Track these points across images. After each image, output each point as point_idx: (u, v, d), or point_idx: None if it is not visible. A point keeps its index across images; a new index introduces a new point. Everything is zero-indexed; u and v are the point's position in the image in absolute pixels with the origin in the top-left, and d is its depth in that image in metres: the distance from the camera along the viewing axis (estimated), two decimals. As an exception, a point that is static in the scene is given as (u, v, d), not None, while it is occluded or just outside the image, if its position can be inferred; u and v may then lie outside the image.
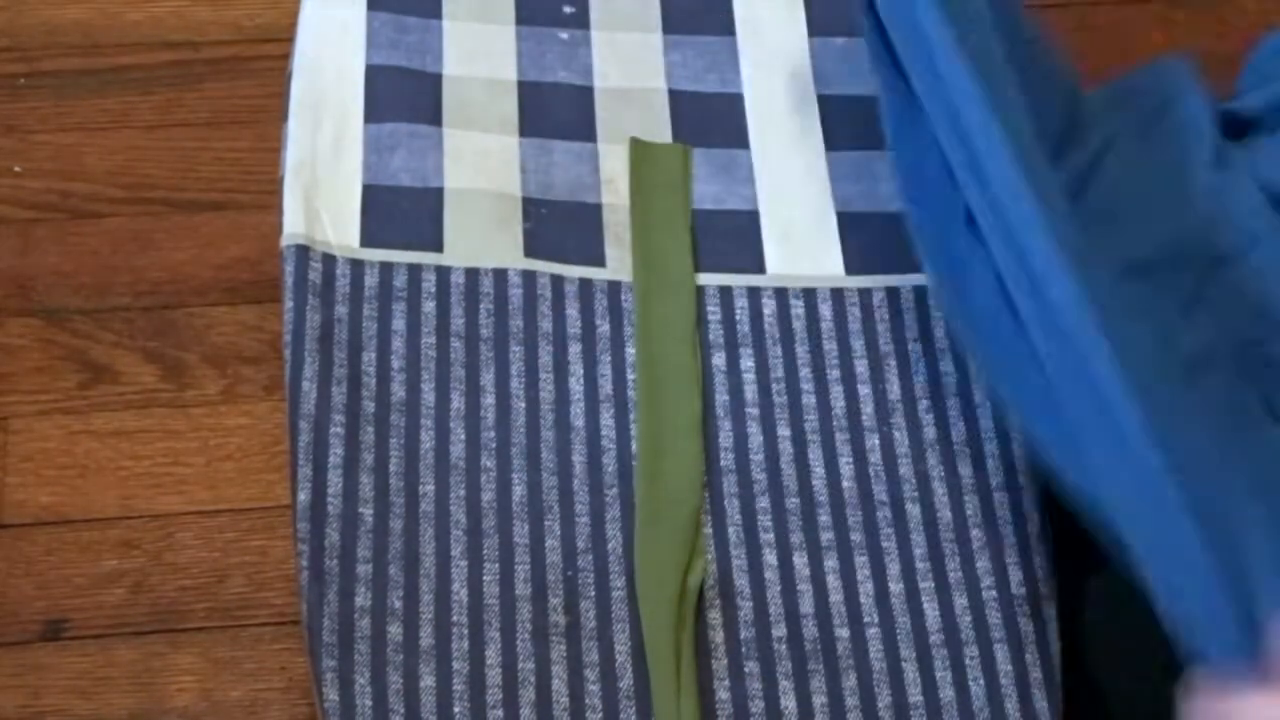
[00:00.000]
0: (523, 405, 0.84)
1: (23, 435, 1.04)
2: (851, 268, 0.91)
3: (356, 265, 0.88)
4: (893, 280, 0.90)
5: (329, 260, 0.88)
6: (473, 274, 0.88)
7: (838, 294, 0.90)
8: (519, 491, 0.82)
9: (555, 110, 0.95)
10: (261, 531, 1.00)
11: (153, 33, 1.23)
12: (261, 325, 1.08)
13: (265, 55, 1.20)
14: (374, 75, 0.95)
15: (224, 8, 1.24)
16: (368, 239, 0.89)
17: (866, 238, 0.92)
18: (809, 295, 0.89)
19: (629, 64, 0.98)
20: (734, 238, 0.91)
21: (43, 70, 1.21)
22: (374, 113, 0.93)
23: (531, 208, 0.91)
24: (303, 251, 0.87)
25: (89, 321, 1.09)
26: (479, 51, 0.97)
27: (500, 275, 0.88)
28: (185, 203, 1.14)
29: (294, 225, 0.88)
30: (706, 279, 0.90)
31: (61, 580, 0.99)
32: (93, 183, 1.15)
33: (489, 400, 0.85)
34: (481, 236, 0.90)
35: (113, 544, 1.00)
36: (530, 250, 0.90)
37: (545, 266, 0.89)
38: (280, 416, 0.92)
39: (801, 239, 0.92)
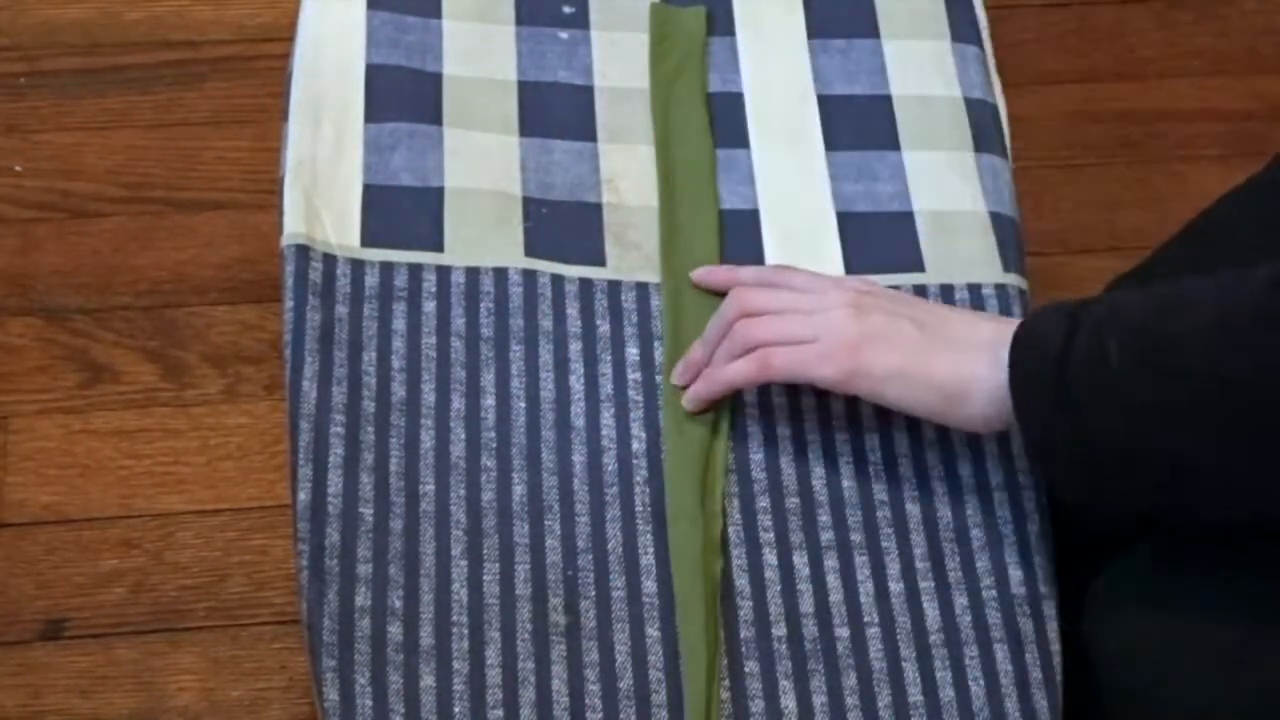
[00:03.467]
0: (523, 405, 0.84)
1: (23, 435, 1.04)
2: (851, 267, 0.91)
3: (357, 265, 0.88)
4: (893, 279, 0.90)
5: (329, 260, 0.88)
6: (473, 273, 0.88)
7: (838, 294, 0.89)
8: (519, 491, 0.82)
9: (555, 110, 0.95)
10: (262, 531, 1.00)
11: (153, 32, 1.23)
12: (262, 325, 1.08)
13: (265, 55, 1.21)
14: (374, 75, 0.95)
15: (224, 7, 1.24)
16: (368, 238, 0.89)
17: (866, 237, 0.92)
18: (809, 295, 0.89)
19: (629, 64, 0.98)
20: (734, 237, 0.91)
21: (43, 70, 1.21)
22: (374, 112, 0.93)
23: (532, 207, 0.91)
24: (303, 251, 0.87)
25: (89, 321, 1.09)
26: (479, 51, 0.97)
27: (501, 275, 0.88)
28: (185, 202, 1.15)
29: (294, 225, 0.88)
30: (707, 278, 0.90)
31: (62, 579, 0.99)
32: (93, 182, 1.15)
33: (489, 400, 0.85)
34: (482, 236, 0.90)
35: (113, 543, 1.00)
36: (530, 250, 0.90)
37: (545, 266, 0.89)
38: (280, 416, 0.93)
39: (801, 238, 0.92)
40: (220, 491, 1.02)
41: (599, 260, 0.90)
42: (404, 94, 0.94)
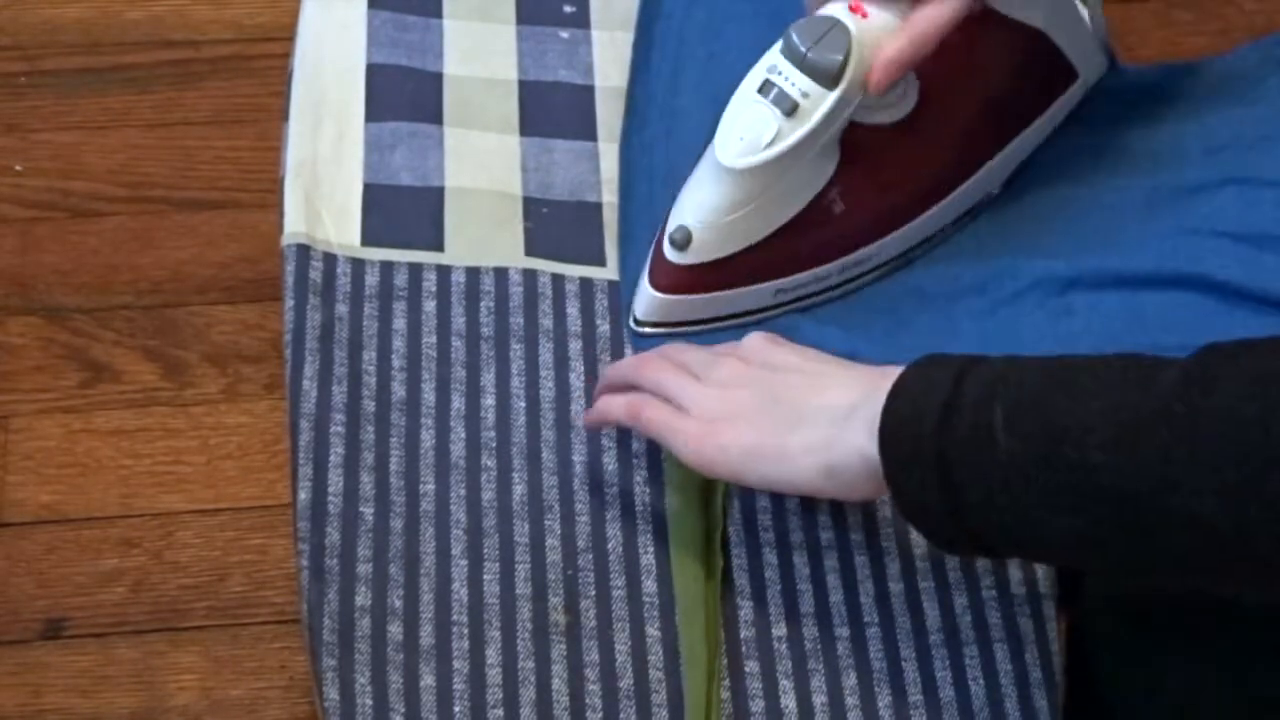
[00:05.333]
0: (523, 404, 0.85)
1: (23, 434, 1.04)
2: (852, 267, 0.91)
3: (357, 264, 0.88)
4: (893, 280, 0.90)
5: (330, 259, 0.88)
6: (473, 273, 0.88)
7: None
8: (519, 490, 0.82)
9: (556, 109, 0.95)
10: (262, 530, 1.00)
11: (153, 32, 1.23)
12: (262, 324, 1.08)
13: (266, 54, 1.21)
14: (375, 74, 0.95)
15: (224, 7, 1.24)
16: (368, 238, 0.89)
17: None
18: (809, 295, 0.89)
19: (629, 63, 0.98)
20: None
21: (43, 69, 1.21)
22: (375, 111, 0.93)
23: (532, 207, 0.91)
24: (303, 250, 0.87)
25: (89, 320, 1.09)
26: (480, 50, 0.97)
27: (501, 274, 0.88)
28: (186, 201, 1.15)
29: (295, 224, 0.88)
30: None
31: (62, 579, 0.99)
32: (93, 181, 1.15)
33: (489, 399, 0.85)
34: (482, 235, 0.90)
35: (113, 543, 1.00)
36: (531, 249, 0.90)
37: (546, 265, 0.89)
38: (281, 415, 0.93)
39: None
40: (220, 491, 1.02)
41: (599, 260, 0.90)
42: (404, 93, 0.94)
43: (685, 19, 0.97)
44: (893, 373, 0.71)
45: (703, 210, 0.82)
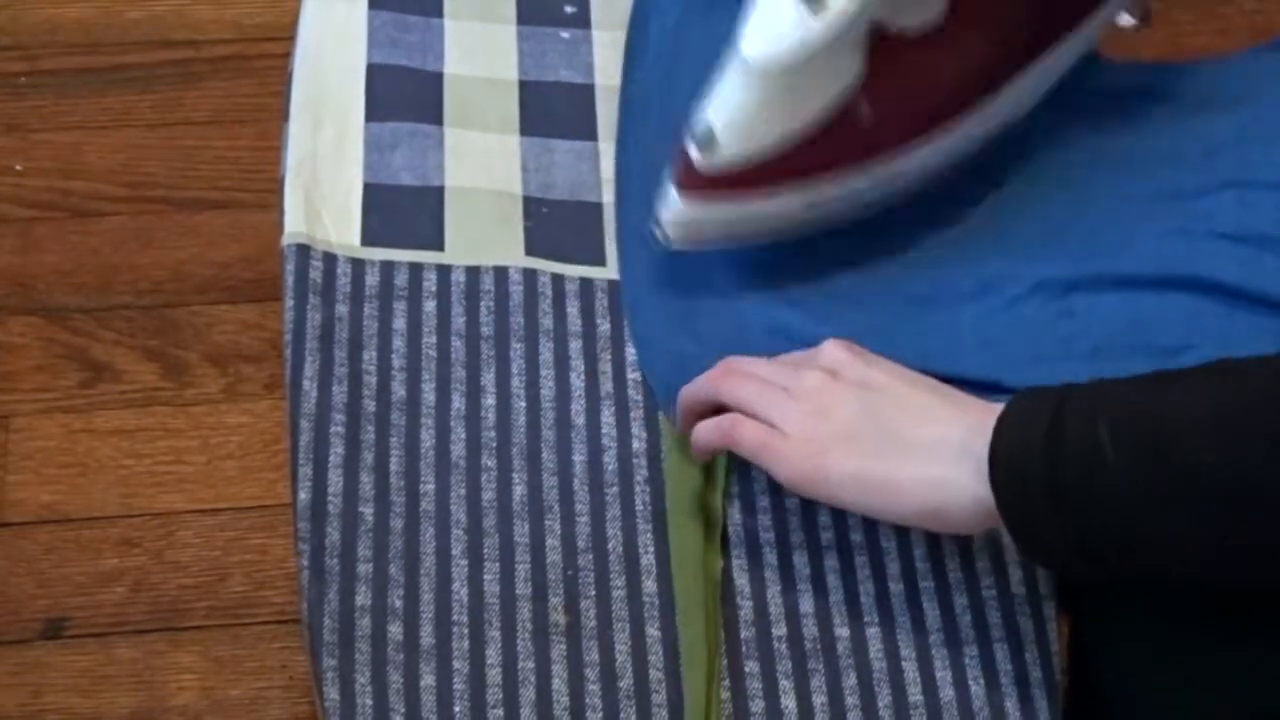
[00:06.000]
0: (523, 404, 0.85)
1: (24, 434, 1.04)
2: (852, 267, 0.91)
3: (357, 264, 0.88)
4: (893, 280, 0.90)
5: (330, 259, 0.88)
6: (474, 272, 0.88)
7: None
8: (519, 490, 0.82)
9: (556, 109, 0.95)
10: (262, 530, 1.00)
11: (153, 31, 1.23)
12: (262, 324, 1.08)
13: (266, 54, 1.21)
14: (375, 74, 0.95)
15: (225, 6, 1.24)
16: (369, 238, 0.89)
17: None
18: (809, 294, 0.89)
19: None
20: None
21: (44, 69, 1.21)
22: (375, 111, 0.93)
23: (532, 206, 0.91)
24: (304, 250, 0.87)
25: (90, 320, 1.09)
26: (480, 50, 0.97)
27: (501, 274, 0.88)
28: (186, 201, 1.15)
29: (295, 224, 0.88)
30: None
31: (62, 579, 0.99)
32: (93, 181, 1.15)
33: (489, 399, 0.85)
34: (482, 235, 0.90)
35: (113, 542, 1.00)
36: (531, 249, 0.90)
37: (546, 265, 0.89)
38: (281, 415, 0.93)
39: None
40: (220, 491, 1.02)
41: (599, 260, 0.90)
42: (405, 93, 0.94)
43: (681, 16, 0.96)
44: (993, 407, 0.71)
45: (726, 107, 0.81)
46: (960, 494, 0.71)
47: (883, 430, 0.74)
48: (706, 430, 0.79)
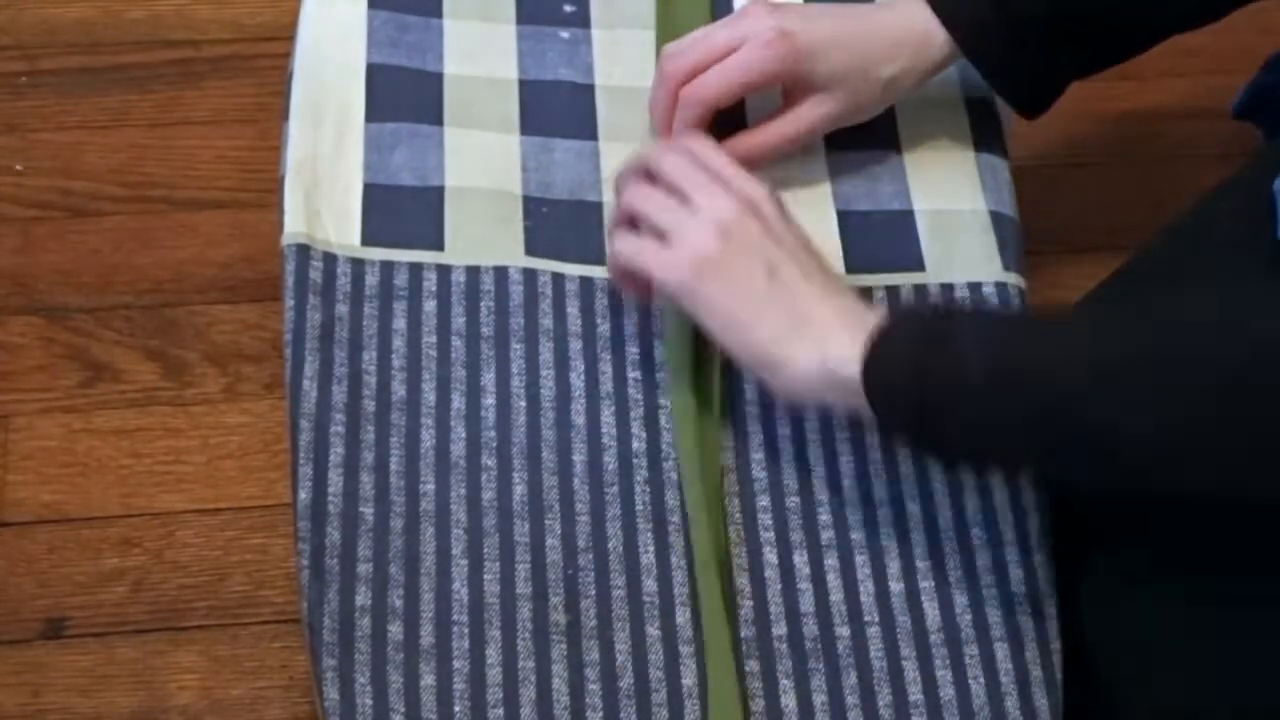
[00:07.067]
0: (523, 404, 0.85)
1: (24, 433, 1.04)
2: (852, 266, 0.91)
3: (357, 264, 0.88)
4: (893, 279, 0.90)
5: (330, 259, 0.88)
6: (473, 272, 0.88)
7: (838, 293, 0.90)
8: (519, 490, 0.82)
9: (556, 108, 0.95)
10: (262, 530, 1.00)
11: (153, 31, 1.23)
12: (262, 324, 1.08)
13: (266, 54, 1.21)
14: (375, 74, 0.95)
15: (225, 6, 1.24)
16: (369, 238, 0.89)
17: (867, 236, 0.92)
18: (809, 294, 0.89)
19: (630, 62, 0.98)
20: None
21: (44, 69, 1.21)
22: (375, 111, 0.93)
23: (532, 206, 0.91)
24: (303, 250, 0.87)
25: (90, 320, 1.09)
26: (480, 50, 0.97)
27: (501, 273, 0.88)
28: (186, 201, 1.15)
29: (295, 224, 0.88)
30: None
31: (62, 578, 0.99)
32: (94, 181, 1.15)
33: (489, 399, 0.85)
34: (482, 235, 0.90)
35: (114, 542, 1.00)
36: (531, 248, 0.90)
37: (546, 265, 0.89)
38: (281, 415, 0.93)
39: (802, 238, 0.92)
40: (221, 490, 1.02)
41: (599, 259, 0.90)
42: (405, 93, 0.94)
43: None
44: (872, 309, 0.78)
45: None
46: (797, 370, 0.77)
47: (770, 274, 0.78)
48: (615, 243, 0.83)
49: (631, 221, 0.83)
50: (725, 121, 0.90)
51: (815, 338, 0.77)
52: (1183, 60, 1.29)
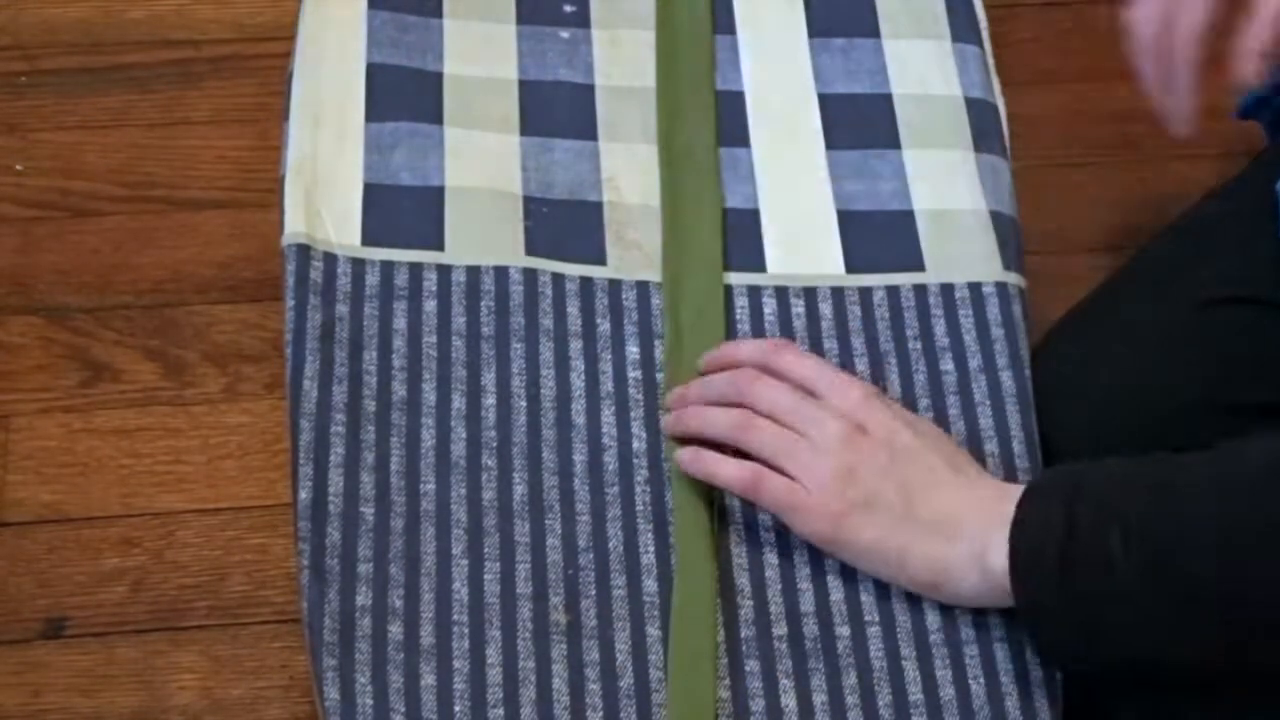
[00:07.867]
0: (523, 404, 0.85)
1: (24, 433, 1.04)
2: (852, 266, 0.91)
3: (358, 264, 0.88)
4: (893, 279, 0.90)
5: (330, 259, 0.88)
6: (474, 272, 0.88)
7: (838, 293, 0.90)
8: (520, 490, 0.82)
9: (556, 108, 0.95)
10: (262, 530, 1.00)
11: (154, 31, 1.23)
12: (263, 324, 1.08)
13: (266, 54, 1.20)
14: (375, 74, 0.95)
15: (225, 6, 1.24)
16: (369, 238, 0.89)
17: (867, 236, 0.92)
18: (809, 294, 0.89)
19: (630, 62, 0.98)
20: (734, 236, 0.91)
21: (44, 69, 1.21)
22: (375, 111, 0.93)
23: (532, 206, 0.91)
24: (304, 250, 0.87)
25: (90, 320, 1.09)
26: (480, 50, 0.97)
27: (501, 273, 0.88)
28: (186, 201, 1.14)
29: (295, 224, 0.88)
30: (707, 278, 0.90)
31: (62, 578, 0.99)
32: (94, 181, 1.15)
33: (490, 399, 0.85)
34: (482, 235, 0.90)
35: (114, 542, 1.00)
36: (531, 248, 0.90)
37: (546, 265, 0.89)
38: (281, 415, 0.92)
39: (802, 238, 0.92)
40: (221, 490, 1.02)
41: (599, 259, 0.90)
42: (404, 93, 0.94)
43: None
44: (1004, 491, 0.76)
45: None
46: (960, 579, 0.76)
47: (902, 500, 0.77)
48: (733, 474, 0.80)
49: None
50: None
51: (971, 542, 0.76)
52: (1183, 60, 1.29)
